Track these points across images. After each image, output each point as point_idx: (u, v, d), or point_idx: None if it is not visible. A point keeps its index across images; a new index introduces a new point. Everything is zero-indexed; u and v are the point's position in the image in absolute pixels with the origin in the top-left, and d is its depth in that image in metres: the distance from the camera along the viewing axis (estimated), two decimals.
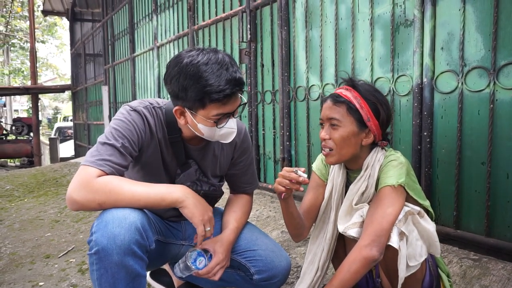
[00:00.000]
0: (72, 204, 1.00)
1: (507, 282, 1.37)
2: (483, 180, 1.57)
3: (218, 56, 1.07)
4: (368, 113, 1.13)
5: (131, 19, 5.45)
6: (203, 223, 1.08)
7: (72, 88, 10.06)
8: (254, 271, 1.25)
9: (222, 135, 1.15)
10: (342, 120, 1.13)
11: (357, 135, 1.14)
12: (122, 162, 1.07)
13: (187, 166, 1.26)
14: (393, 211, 1.05)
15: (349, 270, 1.02)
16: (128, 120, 1.12)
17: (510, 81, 1.47)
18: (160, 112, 1.21)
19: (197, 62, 1.04)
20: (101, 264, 0.95)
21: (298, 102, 2.54)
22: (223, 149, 1.32)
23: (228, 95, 1.05)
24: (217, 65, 1.04)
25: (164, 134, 1.21)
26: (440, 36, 1.69)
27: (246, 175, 1.40)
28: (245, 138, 1.36)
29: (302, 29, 2.46)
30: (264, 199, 2.72)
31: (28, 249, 2.38)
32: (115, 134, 1.09)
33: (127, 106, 1.17)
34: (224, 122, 1.12)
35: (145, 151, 1.18)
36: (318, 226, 1.32)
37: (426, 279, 1.15)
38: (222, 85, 1.03)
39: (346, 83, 1.19)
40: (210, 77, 1.03)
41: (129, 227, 0.97)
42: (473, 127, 1.60)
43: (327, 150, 1.16)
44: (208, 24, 3.43)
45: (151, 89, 4.88)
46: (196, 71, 1.04)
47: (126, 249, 0.95)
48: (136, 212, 1.01)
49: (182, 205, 1.06)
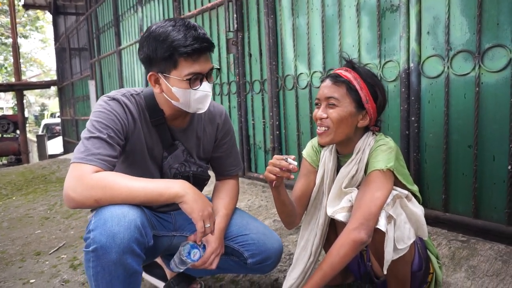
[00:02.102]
0: (69, 202, 0.99)
1: (494, 262, 1.40)
2: (470, 163, 1.59)
3: (185, 21, 1.11)
4: (367, 95, 1.14)
5: (116, 11, 5.35)
6: (203, 219, 1.07)
7: (58, 83, 9.87)
8: (247, 255, 1.26)
9: (197, 99, 1.14)
10: (341, 100, 1.13)
11: (354, 116, 1.15)
12: (111, 152, 1.06)
13: (174, 148, 1.26)
14: (381, 195, 1.05)
15: (338, 254, 1.03)
16: (108, 110, 1.11)
17: (494, 64, 1.48)
18: (139, 98, 1.20)
19: (165, 25, 1.10)
20: (98, 262, 0.94)
21: (287, 91, 2.53)
22: (205, 130, 1.33)
23: (197, 49, 1.07)
24: (184, 27, 1.09)
25: (145, 118, 1.20)
26: (426, 20, 1.69)
27: (230, 157, 1.40)
28: (226, 119, 1.38)
29: (289, 17, 2.44)
30: (255, 189, 2.72)
31: (18, 247, 2.35)
32: (98, 126, 1.07)
33: (105, 97, 1.15)
34: (198, 84, 1.12)
35: (129, 140, 1.17)
36: (310, 212, 1.32)
37: (415, 261, 1.16)
38: (189, 41, 1.07)
39: (345, 64, 1.19)
40: (177, 34, 1.07)
41: (129, 225, 0.95)
42: (459, 110, 1.61)
43: (323, 129, 1.16)
44: (194, 15, 3.38)
45: (139, 83, 4.81)
46: (164, 31, 1.09)
47: (125, 248, 0.94)
48: (135, 209, 1.00)
49: (182, 200, 1.05)
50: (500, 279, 1.32)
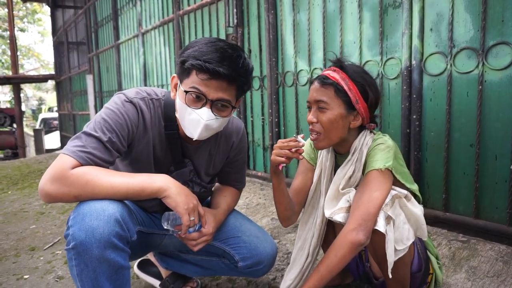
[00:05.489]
0: (44, 197, 0.95)
1: (495, 263, 1.39)
2: (471, 162, 1.57)
3: (230, 44, 1.05)
4: (356, 95, 1.10)
5: (114, 4, 5.29)
6: (188, 212, 1.04)
7: (55, 77, 9.79)
8: (238, 258, 1.23)
9: (190, 120, 1.05)
10: (329, 103, 1.10)
11: (345, 118, 1.12)
12: (106, 157, 1.01)
13: (182, 165, 1.21)
14: (379, 195, 1.03)
15: (336, 255, 1.00)
16: (120, 112, 1.05)
17: (498, 61, 1.45)
18: (158, 104, 1.14)
19: (211, 38, 1.05)
20: (80, 259, 0.91)
21: (286, 88, 2.50)
22: (219, 147, 1.27)
23: (215, 70, 0.98)
24: (220, 45, 1.02)
25: (160, 129, 1.14)
26: (429, 17, 1.66)
27: (237, 173, 1.37)
28: (243, 137, 1.32)
29: (290, 13, 2.41)
30: (253, 187, 2.69)
31: (12, 242, 2.32)
32: (104, 126, 1.02)
33: (123, 96, 1.09)
34: (198, 106, 1.04)
35: (135, 146, 1.12)
36: (307, 211, 1.30)
37: (414, 262, 1.14)
38: (210, 56, 0.99)
39: (333, 64, 1.16)
40: (206, 47, 1.01)
41: (108, 219, 0.92)
42: (461, 109, 1.59)
43: (315, 135, 1.14)
44: (193, 9, 3.34)
45: (137, 78, 4.77)
46: (200, 40, 1.05)
47: (106, 242, 0.91)
48: (115, 204, 0.96)
49: (165, 195, 1.01)
50: (501, 280, 1.30)
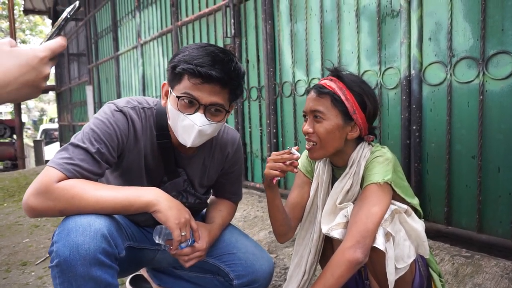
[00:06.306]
0: (28, 212, 0.90)
1: (501, 280, 1.33)
2: (474, 175, 1.52)
3: (220, 48, 1.02)
4: (354, 105, 1.06)
5: (114, 16, 5.32)
6: (179, 227, 0.99)
7: (56, 88, 9.81)
8: (233, 276, 1.18)
9: (183, 127, 1.01)
10: (326, 113, 1.07)
11: (342, 129, 1.08)
12: (94, 169, 0.96)
13: (176, 175, 1.17)
14: (378, 210, 0.98)
15: (332, 275, 0.95)
16: (109, 122, 1.01)
17: (499, 71, 1.42)
18: (150, 113, 1.10)
19: (201, 44, 1.03)
20: (64, 277, 0.86)
21: (284, 98, 2.47)
22: (213, 158, 1.23)
23: (207, 73, 0.95)
24: (210, 50, 1.00)
25: (152, 138, 1.10)
26: (427, 26, 1.63)
27: (233, 186, 1.32)
28: (238, 148, 1.28)
29: (287, 23, 2.39)
30: (251, 199, 2.64)
31: (4, 257, 2.26)
32: (92, 136, 0.98)
33: (113, 105, 1.05)
34: (191, 111, 1.00)
35: (126, 157, 1.08)
36: (304, 227, 1.25)
37: (416, 280, 1.09)
38: (202, 60, 0.96)
39: (331, 73, 1.12)
40: (196, 52, 0.99)
41: (94, 235, 0.87)
42: (462, 119, 1.55)
43: (311, 145, 1.10)
44: (191, 20, 3.34)
45: (136, 88, 4.76)
46: (190, 46, 1.02)
47: (92, 259, 0.86)
48: (103, 218, 0.92)
49: (155, 209, 0.97)
50: None
